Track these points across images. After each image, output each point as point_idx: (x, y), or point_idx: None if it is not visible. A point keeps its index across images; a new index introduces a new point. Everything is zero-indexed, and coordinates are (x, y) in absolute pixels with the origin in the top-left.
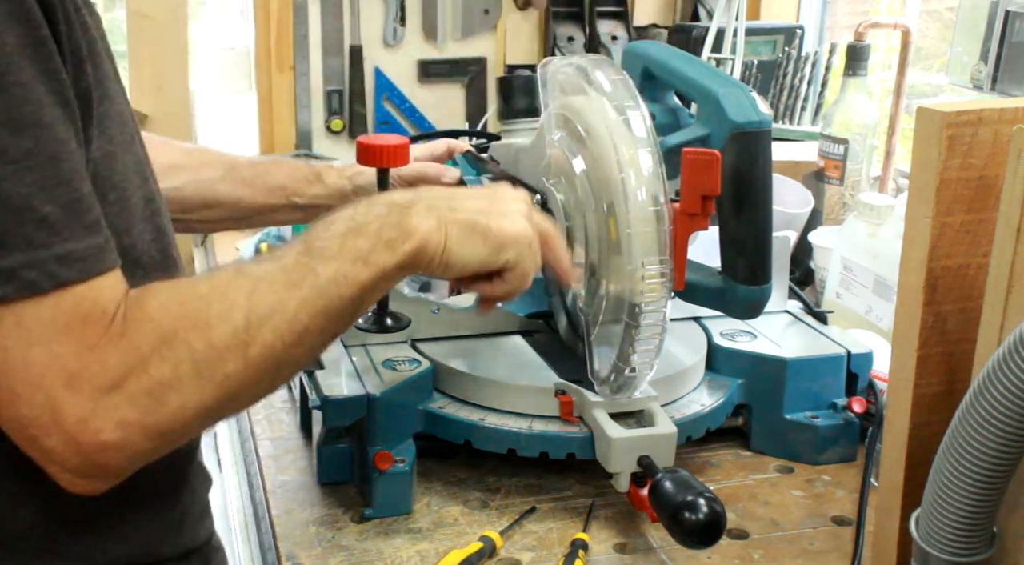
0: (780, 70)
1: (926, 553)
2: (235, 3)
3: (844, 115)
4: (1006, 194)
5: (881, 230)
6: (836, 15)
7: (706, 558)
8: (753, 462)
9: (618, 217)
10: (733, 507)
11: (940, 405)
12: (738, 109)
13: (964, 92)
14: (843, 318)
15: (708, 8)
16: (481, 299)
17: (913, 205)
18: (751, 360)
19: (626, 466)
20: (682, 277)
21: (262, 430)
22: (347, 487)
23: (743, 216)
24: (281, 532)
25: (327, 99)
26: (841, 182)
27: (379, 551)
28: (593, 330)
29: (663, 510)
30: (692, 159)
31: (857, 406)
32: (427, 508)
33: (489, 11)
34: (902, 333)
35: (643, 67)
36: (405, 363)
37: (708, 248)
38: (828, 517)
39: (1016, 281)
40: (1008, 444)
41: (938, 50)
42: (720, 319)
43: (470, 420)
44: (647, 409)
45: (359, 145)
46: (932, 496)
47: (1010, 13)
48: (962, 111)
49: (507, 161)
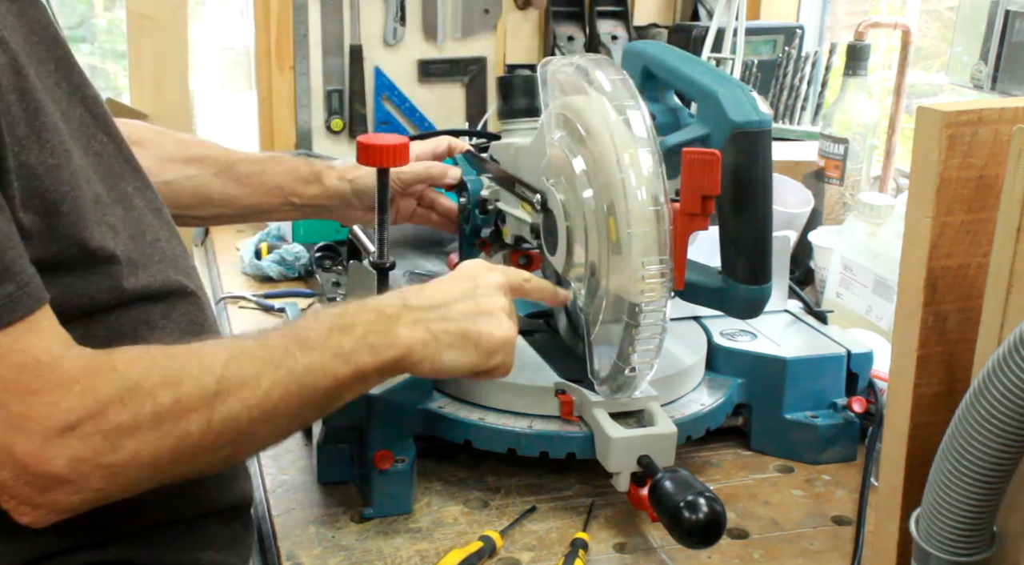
0: (780, 70)
1: (926, 553)
2: (235, 3)
3: (844, 115)
4: (1006, 194)
5: (881, 230)
6: (836, 15)
7: (706, 558)
8: (753, 462)
9: (618, 217)
10: (733, 507)
11: (940, 405)
12: (738, 109)
13: (964, 92)
14: (843, 318)
15: (708, 8)
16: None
17: (913, 205)
18: (751, 360)
19: (626, 466)
20: (682, 277)
21: None
22: (347, 487)
23: (743, 216)
24: (281, 532)
25: (327, 99)
26: (841, 182)
27: (379, 551)
28: (593, 330)
29: (663, 510)
30: (692, 159)
31: (857, 406)
32: (427, 508)
33: (489, 11)
34: (902, 333)
35: (643, 67)
36: None
37: (708, 248)
38: (828, 517)
39: (1016, 281)
40: (1008, 444)
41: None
42: (720, 319)
43: (470, 420)
44: (647, 409)
45: (359, 145)
46: (932, 496)
47: (1010, 13)
48: (962, 111)
49: (507, 161)
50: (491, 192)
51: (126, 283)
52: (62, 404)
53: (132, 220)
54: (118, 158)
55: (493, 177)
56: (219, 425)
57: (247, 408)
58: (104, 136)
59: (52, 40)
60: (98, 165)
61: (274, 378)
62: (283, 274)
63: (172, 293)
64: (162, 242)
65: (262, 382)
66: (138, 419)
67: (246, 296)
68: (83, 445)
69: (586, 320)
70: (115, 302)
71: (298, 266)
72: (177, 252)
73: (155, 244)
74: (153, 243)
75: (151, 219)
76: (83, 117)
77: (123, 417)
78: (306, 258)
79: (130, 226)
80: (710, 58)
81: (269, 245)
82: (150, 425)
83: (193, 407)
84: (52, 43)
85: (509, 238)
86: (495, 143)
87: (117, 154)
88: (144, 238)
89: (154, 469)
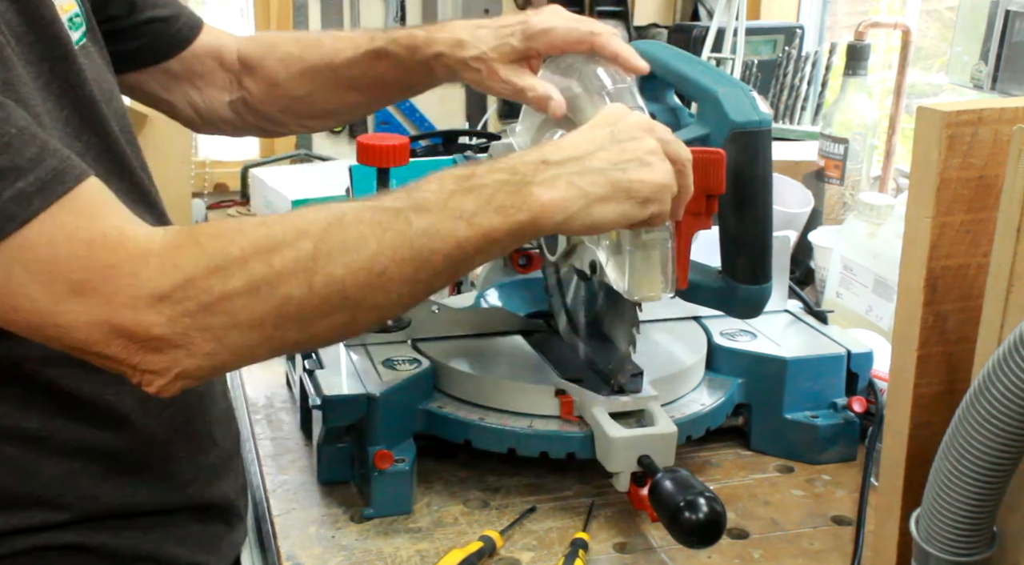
0: (780, 70)
1: (926, 553)
2: (235, 3)
3: (844, 115)
4: (1006, 194)
5: (881, 230)
6: (836, 15)
7: (706, 558)
8: (753, 462)
9: None
10: (733, 507)
11: (940, 405)
12: (738, 109)
13: (964, 92)
14: (843, 318)
15: (708, 8)
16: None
17: (913, 205)
18: (751, 360)
19: (626, 466)
20: (685, 276)
21: (262, 430)
22: (347, 487)
23: (743, 216)
24: (281, 532)
25: None
26: (841, 182)
27: (379, 551)
28: (593, 330)
29: (663, 510)
30: (697, 157)
31: (857, 406)
32: (427, 508)
33: (489, 11)
34: (902, 333)
35: None
36: (405, 363)
37: (708, 248)
38: (828, 517)
39: (1016, 281)
40: (1008, 444)
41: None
42: (720, 319)
43: (470, 420)
44: (647, 409)
45: (359, 145)
46: (932, 496)
47: (1010, 13)
48: (962, 111)
49: None
50: None
51: None
52: (143, 274)
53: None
54: (104, 159)
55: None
56: (322, 289)
57: (351, 272)
58: (93, 136)
59: (52, 39)
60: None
61: (382, 242)
62: None
63: None
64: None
65: (369, 245)
66: (230, 286)
67: None
68: (177, 309)
69: (586, 319)
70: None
71: None
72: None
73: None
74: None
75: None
76: (69, 117)
77: (213, 285)
78: None
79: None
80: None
81: None
82: (245, 291)
83: (291, 271)
84: (51, 42)
85: None
86: (495, 143)
87: (104, 155)
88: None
89: (261, 333)
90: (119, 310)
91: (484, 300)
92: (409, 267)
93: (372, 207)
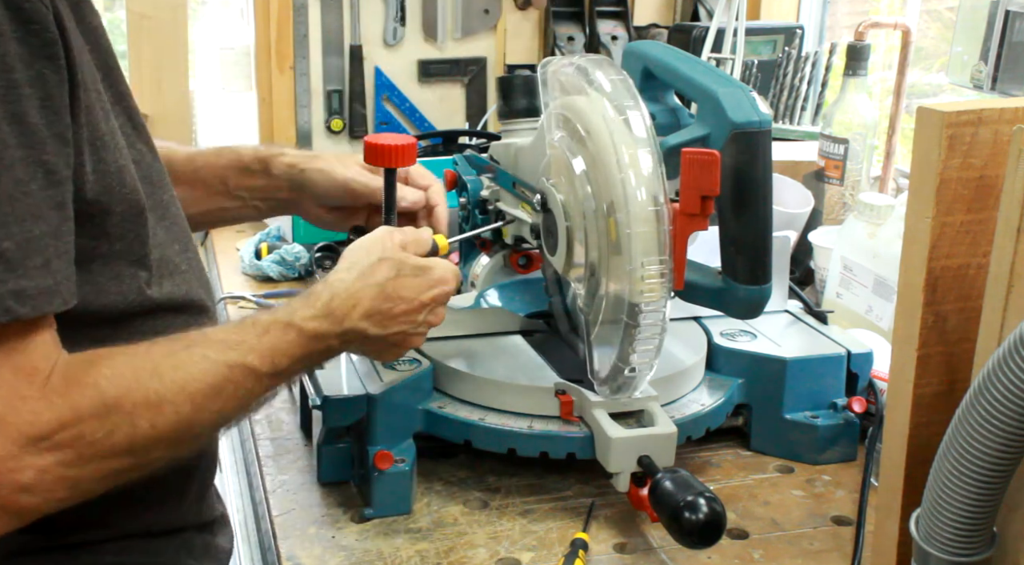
0: (780, 70)
1: (926, 553)
2: (235, 3)
3: (844, 115)
4: (1006, 194)
5: (881, 230)
6: (836, 15)
7: (706, 558)
8: (753, 462)
9: (618, 217)
10: (733, 507)
11: (940, 405)
12: (738, 109)
13: (964, 92)
14: (843, 318)
15: (708, 8)
16: None
17: (913, 205)
18: (751, 360)
19: (626, 466)
20: (682, 277)
21: (262, 430)
22: (347, 487)
23: (743, 216)
24: (281, 532)
25: (327, 99)
26: (841, 182)
27: (379, 551)
28: (593, 330)
29: (663, 510)
30: (692, 159)
31: (857, 406)
32: (427, 508)
33: (489, 11)
34: (902, 333)
35: (643, 67)
36: (405, 363)
37: (708, 248)
38: (828, 517)
39: (1016, 281)
40: (1008, 444)
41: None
42: (720, 319)
43: (470, 420)
44: (647, 409)
45: (366, 145)
46: (932, 496)
47: (1010, 13)
48: (962, 111)
49: (507, 161)
50: (491, 192)
51: (152, 290)
52: (43, 415)
53: (164, 229)
54: (155, 167)
55: (493, 179)
56: (185, 450)
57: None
58: (143, 145)
59: (106, 50)
60: (138, 173)
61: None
62: (283, 274)
63: (193, 307)
64: (190, 253)
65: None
66: (112, 441)
67: (246, 296)
68: (53, 456)
69: (586, 320)
70: (141, 308)
71: (298, 266)
72: (200, 265)
73: (184, 254)
74: (182, 253)
75: (182, 228)
76: (124, 126)
77: (98, 435)
78: (306, 258)
79: (164, 234)
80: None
81: (269, 245)
82: (122, 449)
83: (166, 438)
84: (105, 52)
85: (509, 238)
86: (495, 143)
87: (154, 163)
88: (175, 247)
89: (114, 481)
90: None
91: (484, 300)
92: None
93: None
